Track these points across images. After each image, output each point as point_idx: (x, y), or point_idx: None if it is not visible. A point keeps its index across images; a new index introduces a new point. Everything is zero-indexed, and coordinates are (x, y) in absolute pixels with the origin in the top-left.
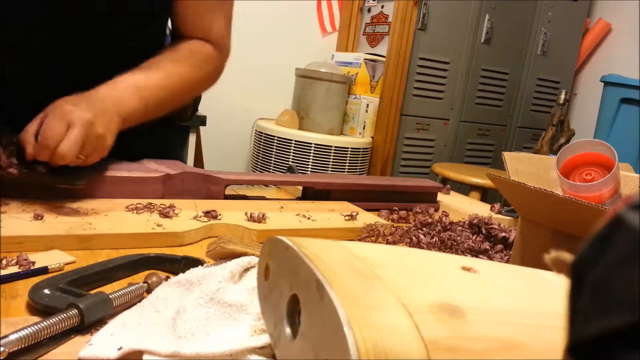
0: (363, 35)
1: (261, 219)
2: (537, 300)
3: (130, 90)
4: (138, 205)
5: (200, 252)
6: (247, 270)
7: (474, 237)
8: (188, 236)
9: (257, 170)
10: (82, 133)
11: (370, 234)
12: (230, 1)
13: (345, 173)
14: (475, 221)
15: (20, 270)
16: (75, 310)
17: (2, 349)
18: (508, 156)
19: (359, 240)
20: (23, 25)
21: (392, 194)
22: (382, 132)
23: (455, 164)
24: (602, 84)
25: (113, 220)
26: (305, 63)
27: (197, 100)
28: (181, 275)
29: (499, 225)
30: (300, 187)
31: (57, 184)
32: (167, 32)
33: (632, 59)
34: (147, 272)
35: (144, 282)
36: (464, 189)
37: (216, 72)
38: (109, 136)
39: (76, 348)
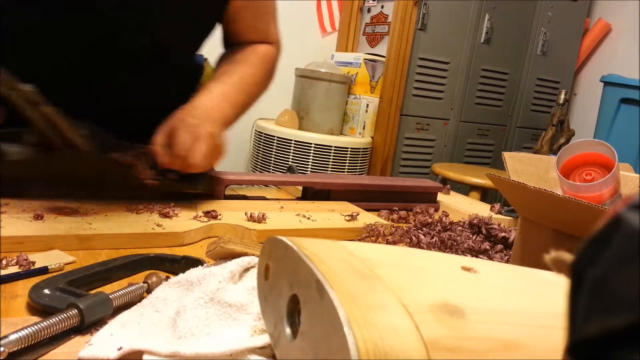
0: (363, 35)
1: (261, 219)
2: (537, 300)
3: (222, 98)
4: (138, 206)
5: (200, 252)
6: (247, 270)
7: (474, 237)
8: (188, 236)
9: (257, 170)
10: (208, 145)
11: (370, 234)
12: (276, 2)
13: (345, 173)
14: (475, 221)
15: (21, 270)
16: (75, 311)
17: (2, 349)
18: (508, 156)
19: (359, 240)
20: (23, 25)
21: (392, 194)
22: (382, 132)
23: (455, 164)
24: (602, 84)
25: (113, 220)
26: (305, 63)
27: None
28: (181, 275)
29: (499, 225)
30: (300, 187)
31: (185, 189)
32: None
33: (632, 59)
34: (147, 272)
35: (144, 282)
36: (464, 189)
37: (275, 68)
38: (223, 144)
39: (76, 348)
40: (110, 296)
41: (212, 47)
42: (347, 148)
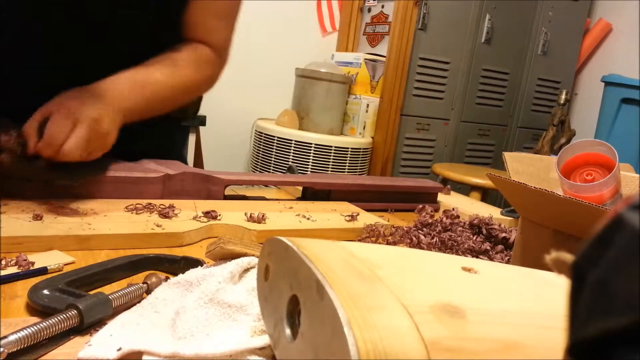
0: (363, 35)
1: (261, 219)
2: (537, 301)
3: (132, 86)
4: (137, 206)
5: (200, 252)
6: (246, 270)
7: (474, 238)
8: (188, 236)
9: (257, 170)
10: (88, 132)
11: (371, 235)
12: (237, 11)
13: (345, 173)
14: (475, 222)
15: (20, 270)
16: (75, 311)
17: (1, 349)
18: (509, 156)
19: (359, 240)
20: (23, 27)
21: (392, 194)
22: (382, 132)
23: (456, 164)
24: (603, 84)
25: (112, 220)
26: (305, 63)
27: (199, 99)
28: (181, 275)
29: (500, 225)
30: (300, 188)
31: (57, 180)
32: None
33: (633, 59)
34: (146, 273)
35: (144, 283)
36: (465, 189)
37: (214, 76)
38: (113, 132)
39: (75, 349)
40: (110, 297)
41: None
42: (348, 148)
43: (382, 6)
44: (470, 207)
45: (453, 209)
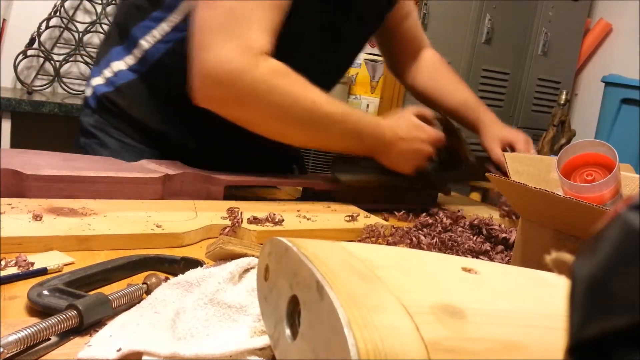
0: None
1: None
2: (538, 301)
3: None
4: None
5: (200, 253)
6: (246, 271)
7: (474, 238)
8: (187, 237)
9: None
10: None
11: (371, 235)
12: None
13: None
14: (475, 222)
15: (19, 271)
16: (74, 312)
17: (1, 350)
18: (509, 157)
19: (359, 241)
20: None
21: (392, 194)
22: None
23: None
24: (603, 84)
25: (112, 221)
26: None
27: None
28: (180, 276)
29: (500, 226)
30: (300, 188)
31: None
32: None
33: (633, 59)
34: (146, 273)
35: (143, 283)
36: (465, 189)
37: None
38: None
39: (75, 349)
40: (110, 297)
41: None
42: None
43: None
44: (470, 207)
45: (459, 211)
